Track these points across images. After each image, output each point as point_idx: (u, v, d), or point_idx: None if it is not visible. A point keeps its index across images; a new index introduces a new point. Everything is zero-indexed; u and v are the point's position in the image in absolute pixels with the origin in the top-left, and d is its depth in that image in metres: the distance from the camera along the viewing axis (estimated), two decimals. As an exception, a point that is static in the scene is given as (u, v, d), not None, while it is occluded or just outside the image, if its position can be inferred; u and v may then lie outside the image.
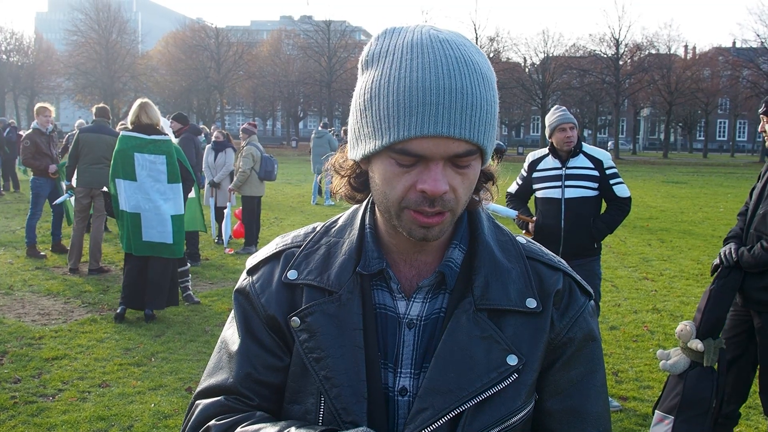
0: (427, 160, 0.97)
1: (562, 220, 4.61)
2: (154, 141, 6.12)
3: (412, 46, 0.96)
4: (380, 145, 0.98)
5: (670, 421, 3.54)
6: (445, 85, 0.93)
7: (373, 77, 0.99)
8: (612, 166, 4.70)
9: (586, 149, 4.73)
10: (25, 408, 4.45)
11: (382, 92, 0.97)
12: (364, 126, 1.01)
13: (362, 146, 1.03)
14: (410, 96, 0.94)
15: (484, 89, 0.97)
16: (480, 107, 0.96)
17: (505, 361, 1.04)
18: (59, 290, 7.58)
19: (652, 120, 74.89)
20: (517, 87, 51.17)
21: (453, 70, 0.94)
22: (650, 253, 10.76)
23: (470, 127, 0.95)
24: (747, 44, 52.38)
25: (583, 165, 4.65)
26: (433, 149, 0.95)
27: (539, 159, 4.83)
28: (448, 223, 1.03)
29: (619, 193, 4.68)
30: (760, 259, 3.51)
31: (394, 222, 1.04)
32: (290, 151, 47.42)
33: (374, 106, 0.98)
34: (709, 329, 3.57)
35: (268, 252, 1.19)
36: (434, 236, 1.02)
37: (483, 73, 0.98)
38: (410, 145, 0.96)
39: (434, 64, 0.94)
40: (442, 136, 0.94)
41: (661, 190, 22.29)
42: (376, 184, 1.04)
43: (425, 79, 0.94)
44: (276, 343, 1.11)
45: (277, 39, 66.54)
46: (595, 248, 4.74)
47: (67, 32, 58.55)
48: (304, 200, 17.55)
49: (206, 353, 5.56)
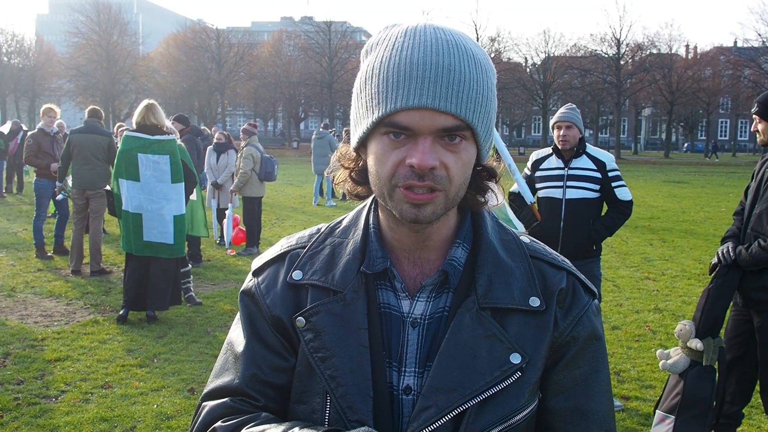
0: (416, 135, 0.99)
1: (561, 221, 4.60)
2: (158, 141, 6.13)
3: (407, 32, 1.01)
4: (371, 122, 1.01)
5: (671, 421, 3.55)
6: (432, 61, 0.97)
7: (369, 63, 1.03)
8: (614, 169, 4.67)
9: (589, 150, 4.71)
10: (28, 409, 4.46)
11: (375, 72, 1.00)
12: (360, 108, 1.04)
13: (359, 129, 1.05)
14: (398, 72, 0.98)
15: (474, 69, 0.99)
16: (467, 84, 0.98)
17: (509, 360, 1.04)
18: (61, 292, 7.60)
19: (653, 120, 74.83)
20: (519, 87, 51.20)
21: (441, 49, 0.98)
22: (652, 253, 10.75)
23: (457, 101, 0.97)
24: (748, 43, 52.44)
25: (586, 166, 4.63)
26: (419, 122, 0.98)
27: (543, 158, 4.82)
28: (440, 205, 1.02)
29: (621, 196, 4.66)
30: (758, 258, 3.51)
31: (388, 204, 1.04)
32: (291, 152, 47.43)
33: (368, 86, 1.01)
34: (709, 328, 3.58)
35: (273, 253, 1.20)
36: (426, 217, 1.02)
37: (475, 56, 1.00)
38: (398, 117, 0.98)
39: (424, 44, 0.98)
40: (428, 107, 0.96)
41: (663, 190, 22.28)
42: (371, 167, 1.05)
43: (413, 56, 0.97)
44: (281, 344, 1.12)
45: (278, 40, 66.58)
46: (594, 250, 4.72)
47: (67, 34, 58.61)
48: (305, 201, 17.55)
49: (208, 354, 5.56)
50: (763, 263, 3.53)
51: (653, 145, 73.13)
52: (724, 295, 3.62)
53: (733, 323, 3.86)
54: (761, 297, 3.59)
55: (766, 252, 3.50)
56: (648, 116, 71.85)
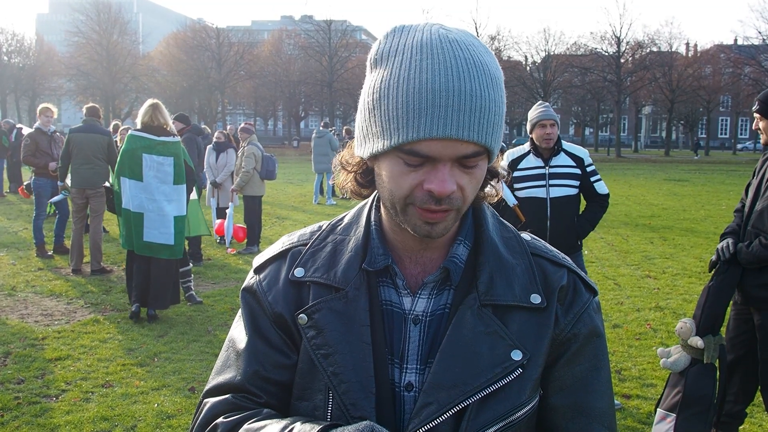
0: (435, 161, 0.97)
1: (548, 220, 4.59)
2: (164, 143, 6.14)
3: (422, 47, 0.97)
4: (389, 145, 0.98)
5: (672, 419, 3.55)
6: (454, 87, 0.94)
7: (382, 77, 0.99)
8: (591, 164, 4.72)
9: (566, 147, 4.72)
10: (29, 408, 4.46)
11: (392, 93, 0.97)
12: (373, 125, 1.01)
13: (370, 144, 1.03)
14: (419, 98, 0.94)
15: (492, 91, 0.97)
16: (488, 109, 0.96)
17: (510, 356, 1.04)
18: (62, 291, 7.60)
19: (653, 118, 74.80)
20: (519, 85, 51.12)
21: (462, 72, 0.95)
22: (653, 251, 10.75)
23: (479, 129, 0.96)
24: (749, 41, 52.31)
25: (566, 163, 4.64)
26: (441, 151, 0.96)
27: (520, 158, 4.72)
28: (452, 221, 1.03)
29: (600, 190, 4.72)
30: (759, 256, 3.51)
31: (399, 218, 1.04)
32: (291, 150, 47.43)
33: (383, 106, 0.98)
34: (709, 326, 3.58)
35: (275, 251, 1.20)
36: (438, 233, 1.03)
37: (492, 74, 0.98)
38: (419, 146, 0.96)
39: (444, 65, 0.95)
40: (451, 138, 0.95)
41: (663, 188, 22.28)
42: (383, 181, 1.04)
43: (435, 80, 0.94)
44: (283, 341, 1.12)
45: (278, 39, 66.56)
46: (578, 244, 4.78)
47: (67, 33, 58.54)
48: (305, 200, 17.55)
49: (209, 353, 5.56)
50: (764, 261, 3.52)
51: (654, 143, 73.14)
52: (724, 293, 3.62)
53: (734, 322, 3.85)
54: (761, 294, 3.58)
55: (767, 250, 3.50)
56: (648, 114, 71.81)
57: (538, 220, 4.58)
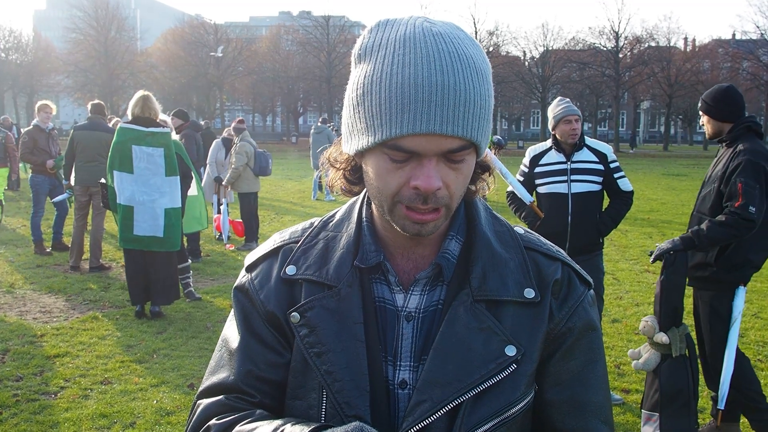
0: (420, 156, 0.96)
1: (569, 216, 4.52)
2: (153, 133, 6.08)
3: (405, 41, 0.95)
4: (373, 142, 0.97)
5: (656, 419, 3.58)
6: (437, 81, 0.92)
7: (365, 72, 0.98)
8: (615, 160, 4.64)
9: (589, 143, 4.66)
10: (28, 406, 4.46)
11: (374, 88, 0.96)
12: (358, 121, 1.00)
13: (355, 141, 1.02)
14: (402, 92, 0.93)
15: (478, 84, 0.95)
16: (474, 103, 0.95)
17: (504, 352, 1.04)
18: (61, 288, 7.59)
19: (652, 113, 74.76)
20: (517, 81, 51.10)
21: (446, 66, 0.93)
22: (652, 246, 10.73)
23: (464, 123, 0.94)
24: (747, 36, 52.41)
25: (589, 159, 4.57)
26: (425, 146, 0.95)
27: (541, 153, 4.71)
28: (442, 219, 1.03)
29: (623, 187, 4.62)
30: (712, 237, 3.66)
31: (388, 217, 1.03)
32: (290, 146, 47.33)
33: (366, 101, 0.97)
34: (671, 319, 3.64)
35: (266, 248, 1.19)
36: (428, 232, 1.02)
37: (477, 66, 0.96)
38: (403, 141, 0.95)
39: (427, 59, 0.93)
40: (435, 133, 0.93)
41: (662, 183, 22.27)
42: (369, 178, 1.03)
43: (417, 75, 0.92)
44: (276, 340, 1.11)
45: (276, 35, 66.44)
46: (599, 243, 4.69)
47: (65, 30, 58.39)
48: (304, 196, 17.54)
49: (208, 349, 5.56)
50: (718, 241, 3.67)
51: (652, 137, 73.10)
52: (677, 284, 3.72)
53: (694, 308, 4.05)
54: (694, 274, 3.83)
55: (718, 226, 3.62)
56: (647, 109, 71.79)
57: (559, 216, 4.53)
